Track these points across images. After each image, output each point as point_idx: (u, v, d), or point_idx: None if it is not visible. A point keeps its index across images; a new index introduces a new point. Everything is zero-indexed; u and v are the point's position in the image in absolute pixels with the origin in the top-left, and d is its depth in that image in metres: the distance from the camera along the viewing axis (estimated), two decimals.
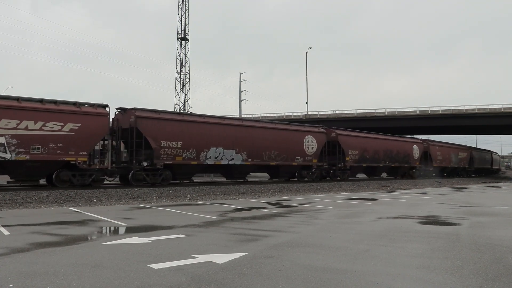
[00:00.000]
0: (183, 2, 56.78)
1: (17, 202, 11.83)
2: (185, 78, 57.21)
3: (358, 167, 31.69)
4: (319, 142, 27.18)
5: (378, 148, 32.70)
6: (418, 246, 5.71)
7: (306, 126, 27.99)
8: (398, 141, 36.13)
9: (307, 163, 26.26)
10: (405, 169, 37.45)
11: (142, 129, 18.72)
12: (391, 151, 34.23)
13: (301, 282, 3.90)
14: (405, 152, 36.02)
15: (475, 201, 14.31)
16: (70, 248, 5.57)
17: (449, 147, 45.28)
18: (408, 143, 37.42)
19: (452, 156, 45.06)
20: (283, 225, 7.83)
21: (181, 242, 6.01)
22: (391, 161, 34.21)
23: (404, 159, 35.97)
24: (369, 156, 31.63)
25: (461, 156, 47.61)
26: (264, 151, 23.68)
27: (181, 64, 57.18)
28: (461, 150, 48.54)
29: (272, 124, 25.80)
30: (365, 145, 31.42)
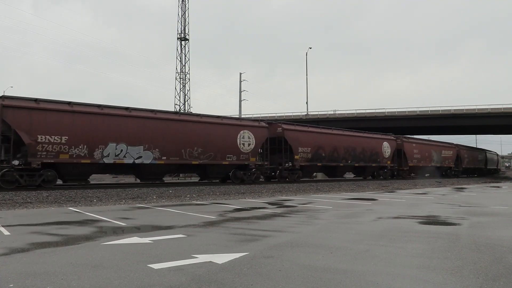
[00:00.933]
0: (183, 2, 56.82)
1: (17, 202, 11.83)
2: (185, 78, 57.25)
3: (312, 167, 27.48)
4: (258, 138, 23.35)
5: (337, 145, 28.76)
6: (418, 246, 5.71)
7: (242, 120, 24.51)
8: (363, 138, 31.84)
9: (242, 162, 22.50)
10: (373, 169, 33.25)
11: (10, 121, 15.57)
12: (355, 149, 30.23)
13: (301, 282, 3.90)
14: (373, 150, 32.02)
15: (475, 201, 14.31)
16: (70, 248, 5.57)
17: (430, 145, 41.32)
18: (376, 139, 33.26)
19: (434, 155, 40.84)
20: (283, 225, 7.83)
21: (181, 242, 6.00)
22: (355, 159, 30.26)
23: (372, 157, 32.01)
24: (326, 154, 27.74)
25: (445, 154, 43.47)
26: (184, 148, 19.98)
27: (181, 64, 57.22)
28: (445, 148, 44.13)
29: (195, 117, 21.70)
30: (320, 141, 27.47)
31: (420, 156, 38.08)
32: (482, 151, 60.85)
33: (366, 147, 31.49)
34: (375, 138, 33.20)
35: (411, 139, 38.42)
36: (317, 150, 27.05)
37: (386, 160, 33.67)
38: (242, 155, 22.58)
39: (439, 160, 41.61)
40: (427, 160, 39.41)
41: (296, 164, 25.58)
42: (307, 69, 61.00)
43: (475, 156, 54.90)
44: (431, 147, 40.68)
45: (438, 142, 43.87)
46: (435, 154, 40.99)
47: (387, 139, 34.44)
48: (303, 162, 26.04)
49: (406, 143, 36.58)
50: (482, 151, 60.57)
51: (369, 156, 31.77)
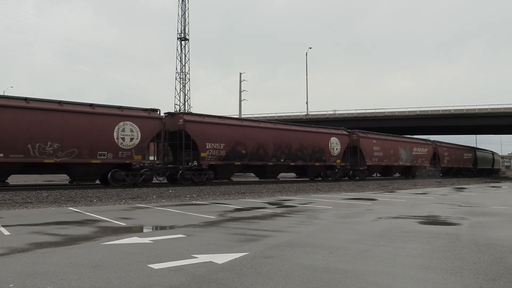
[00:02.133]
0: (183, 2, 56.82)
1: (17, 202, 11.83)
2: (185, 78, 57.26)
3: (228, 167, 22.57)
4: (146, 131, 18.88)
5: (265, 141, 23.85)
6: (418, 246, 5.71)
7: (125, 109, 18.68)
8: (302, 132, 26.61)
9: (121, 160, 18.12)
10: (317, 169, 27.99)
11: None
12: (290, 145, 25.24)
13: (301, 282, 3.90)
14: (315, 147, 27.11)
15: (475, 201, 14.31)
16: (70, 248, 5.57)
17: (396, 141, 36.04)
18: (321, 134, 28.03)
19: (402, 153, 35.93)
20: (283, 225, 7.83)
21: (181, 242, 6.00)
22: (291, 158, 25.32)
23: (315, 155, 27.02)
24: (248, 152, 22.97)
25: (418, 152, 38.40)
26: (32, 143, 15.69)
27: (181, 64, 57.23)
28: (418, 144, 39.00)
29: (51, 105, 16.65)
30: (238, 136, 22.58)
31: (383, 154, 32.88)
32: (470, 149, 54.19)
33: (306, 143, 26.42)
34: (319, 133, 28.05)
35: (370, 134, 32.87)
36: (234, 146, 22.17)
37: (334, 158, 28.56)
38: (122, 152, 18.05)
39: (409, 159, 36.56)
40: (393, 159, 34.37)
41: (204, 163, 20.81)
42: (307, 69, 61.10)
43: (459, 154, 48.44)
44: (398, 144, 35.51)
45: (409, 138, 38.92)
46: (404, 151, 35.96)
47: (336, 134, 29.26)
48: (213, 161, 21.26)
49: (363, 139, 31.39)
50: (470, 149, 53.87)
51: (311, 154, 26.67)
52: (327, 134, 28.70)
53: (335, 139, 28.98)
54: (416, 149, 38.12)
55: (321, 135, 28.09)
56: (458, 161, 47.79)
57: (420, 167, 39.07)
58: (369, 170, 32.49)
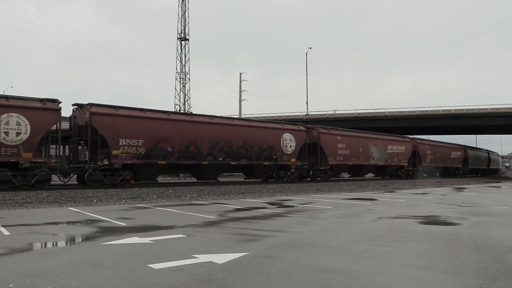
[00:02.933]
0: (183, 2, 56.83)
1: (17, 202, 11.84)
2: (185, 78, 57.27)
3: (150, 166, 19.51)
4: (38, 125, 16.26)
5: (198, 137, 20.90)
6: (418, 246, 5.71)
7: (11, 99, 16.10)
8: (246, 127, 23.47)
9: (5, 159, 15.58)
10: (267, 169, 24.96)
11: None
12: (230, 142, 22.25)
13: (301, 282, 3.90)
14: (264, 144, 23.94)
15: (475, 201, 14.31)
16: (70, 248, 5.57)
17: (367, 138, 32.43)
18: (271, 130, 24.79)
19: (374, 151, 32.45)
20: (283, 225, 7.83)
21: (181, 242, 6.00)
22: (232, 156, 22.35)
23: (263, 154, 23.92)
24: (176, 149, 20.00)
25: (394, 150, 34.89)
26: None
27: (181, 64, 57.24)
28: (394, 142, 35.41)
29: None
30: (162, 131, 19.54)
31: (349, 152, 29.82)
32: (459, 148, 49.82)
33: (252, 140, 23.26)
34: (268, 129, 24.78)
35: (333, 130, 29.80)
36: (157, 143, 19.38)
37: (288, 157, 25.26)
38: (5, 149, 15.65)
39: (383, 157, 33.43)
40: (362, 157, 31.20)
41: (116, 162, 18.19)
42: (307, 69, 61.15)
43: (444, 153, 44.60)
44: (368, 141, 32.23)
45: (382, 134, 35.30)
46: (376, 149, 32.70)
47: (289, 130, 25.81)
48: (129, 160, 18.61)
49: (324, 136, 28.13)
50: (459, 148, 49.58)
51: (258, 152, 23.59)
52: (279, 129, 25.37)
53: (289, 136, 25.58)
54: (392, 147, 34.73)
55: (271, 131, 24.80)
56: (444, 160, 43.88)
57: (396, 166, 35.83)
58: (333, 170, 29.16)
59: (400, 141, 36.48)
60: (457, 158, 47.59)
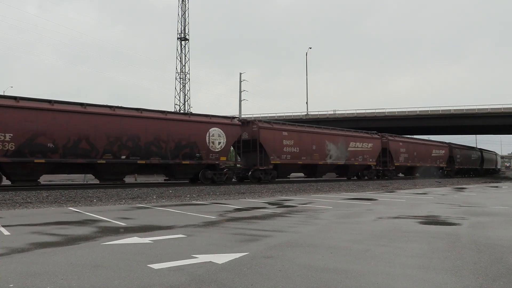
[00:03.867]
0: (183, 2, 56.85)
1: (17, 202, 11.84)
2: (185, 78, 57.29)
3: (22, 166, 16.01)
4: None
5: (91, 132, 17.51)
6: (418, 246, 5.71)
7: None
8: (159, 120, 19.73)
9: None
10: (189, 169, 21.03)
11: None
12: (136, 137, 18.71)
13: (301, 282, 3.90)
14: (183, 140, 20.28)
15: (475, 201, 14.31)
16: (70, 248, 5.57)
17: (323, 134, 28.18)
18: (193, 124, 20.94)
19: (332, 148, 28.39)
20: (283, 225, 7.83)
21: (181, 242, 6.00)
22: (138, 154, 18.73)
23: (182, 151, 20.24)
24: (60, 145, 16.74)
25: (358, 148, 30.97)
26: None
27: (181, 64, 57.26)
28: (358, 139, 31.27)
29: None
30: (41, 124, 16.29)
31: (299, 150, 25.78)
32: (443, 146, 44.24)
33: (166, 135, 19.67)
34: (190, 122, 20.87)
35: (278, 125, 25.69)
36: (33, 137, 16.12)
37: (217, 155, 21.56)
38: None
39: (343, 156, 29.43)
40: (316, 156, 27.04)
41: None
42: (307, 69, 61.16)
43: (424, 151, 39.95)
44: (324, 137, 28.03)
45: (343, 130, 31.23)
46: (335, 147, 28.63)
47: (218, 124, 21.89)
48: None
49: (265, 131, 24.08)
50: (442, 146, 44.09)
51: (174, 149, 19.94)
52: (204, 123, 21.40)
53: (218, 131, 21.78)
54: (355, 144, 30.67)
55: (193, 125, 20.96)
56: (423, 159, 39.61)
57: (362, 166, 31.84)
58: (279, 170, 25.23)
59: (366, 138, 32.13)
60: (440, 157, 42.81)
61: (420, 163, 38.99)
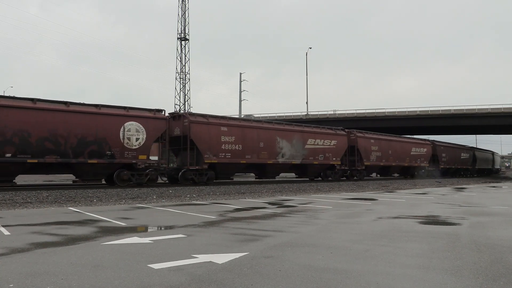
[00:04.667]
0: (183, 2, 56.85)
1: (17, 202, 11.84)
2: (185, 78, 57.30)
3: None
4: None
5: None
6: (418, 246, 5.71)
7: None
8: (59, 112, 16.80)
9: None
10: (97, 169, 17.91)
11: None
12: (27, 132, 15.94)
13: (301, 282, 3.90)
14: (88, 136, 17.36)
15: (475, 201, 14.31)
16: (70, 248, 5.57)
17: (276, 130, 24.85)
18: (103, 117, 17.92)
19: (285, 146, 25.00)
20: (283, 225, 7.83)
21: (181, 242, 6.01)
22: (27, 151, 15.93)
23: (88, 148, 17.35)
24: None
25: (318, 145, 27.24)
26: None
27: (181, 64, 57.27)
28: (317, 135, 27.43)
29: None
30: None
31: (242, 148, 22.58)
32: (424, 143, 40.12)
33: (67, 130, 16.81)
34: (98, 115, 17.88)
35: (214, 119, 22.05)
36: None
37: (133, 153, 18.63)
38: None
39: (299, 154, 25.89)
40: (265, 155, 23.75)
41: None
42: (307, 69, 61.16)
43: (401, 149, 35.72)
44: (276, 133, 24.68)
45: (299, 126, 27.53)
46: (288, 144, 25.23)
47: (137, 118, 18.91)
48: None
49: (197, 126, 20.83)
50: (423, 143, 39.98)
51: (77, 146, 17.05)
52: (118, 116, 18.35)
53: (135, 125, 18.72)
54: (314, 141, 27.13)
55: (102, 118, 17.87)
56: (401, 158, 35.58)
57: (323, 165, 28.01)
58: (217, 170, 21.94)
59: (328, 134, 28.35)
60: (421, 155, 38.62)
61: (396, 162, 35.06)
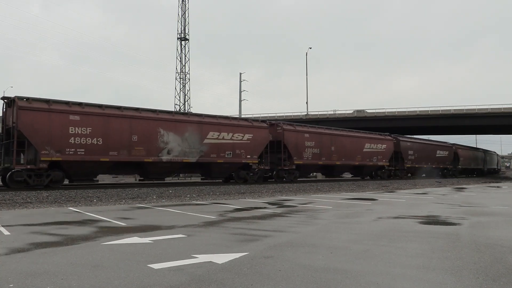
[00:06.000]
0: (183, 2, 56.85)
1: (17, 202, 11.83)
2: (185, 78, 57.30)
3: None
4: None
5: None
6: (418, 246, 5.71)
7: None
8: None
9: None
10: None
11: None
12: None
13: (301, 282, 3.90)
14: None
15: (475, 201, 14.30)
16: (70, 248, 5.57)
17: (157, 120, 19.54)
18: None
19: (171, 140, 19.88)
20: (283, 225, 7.83)
21: (181, 242, 6.00)
22: None
23: None
24: None
25: (224, 140, 21.79)
26: None
27: (181, 64, 57.27)
28: (225, 127, 21.98)
29: None
30: None
31: (102, 142, 17.66)
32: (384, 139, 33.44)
33: None
34: None
35: (59, 106, 16.81)
36: None
37: None
38: None
39: (194, 150, 20.71)
40: (141, 151, 18.76)
41: None
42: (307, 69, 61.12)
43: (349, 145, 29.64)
44: (158, 124, 19.44)
45: (195, 116, 22.00)
46: (178, 138, 20.10)
47: None
48: None
49: (29, 114, 15.87)
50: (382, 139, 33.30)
51: None
52: None
53: None
54: (218, 135, 21.44)
55: None
56: (350, 156, 29.50)
57: (234, 164, 22.48)
58: (69, 170, 17.13)
59: (240, 127, 22.40)
60: (378, 153, 32.03)
61: (343, 161, 29.24)
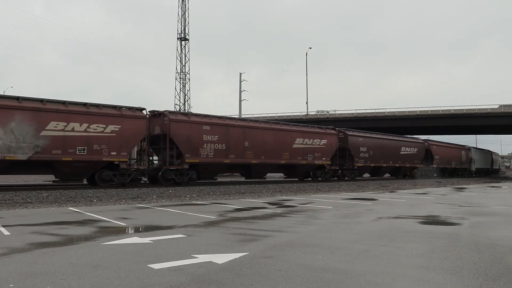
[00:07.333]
0: (183, 2, 56.86)
1: (17, 202, 11.83)
2: (185, 78, 57.30)
3: None
4: None
5: None
6: (418, 246, 5.71)
7: None
8: None
9: None
10: None
11: None
12: None
13: (301, 282, 3.90)
14: None
15: (475, 201, 14.30)
16: (70, 248, 5.57)
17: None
18: None
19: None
20: (283, 225, 7.83)
21: (181, 242, 6.00)
22: None
23: None
24: None
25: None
26: None
27: (181, 64, 57.27)
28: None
29: None
30: None
31: None
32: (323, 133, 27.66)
33: None
34: None
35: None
36: None
37: None
38: None
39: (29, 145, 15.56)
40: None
41: None
42: (307, 69, 61.13)
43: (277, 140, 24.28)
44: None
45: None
46: None
47: None
48: None
49: None
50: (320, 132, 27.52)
51: None
52: None
53: None
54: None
55: None
56: (273, 154, 24.13)
57: (97, 163, 17.38)
58: None
59: (108, 116, 17.52)
60: (315, 150, 26.28)
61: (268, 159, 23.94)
